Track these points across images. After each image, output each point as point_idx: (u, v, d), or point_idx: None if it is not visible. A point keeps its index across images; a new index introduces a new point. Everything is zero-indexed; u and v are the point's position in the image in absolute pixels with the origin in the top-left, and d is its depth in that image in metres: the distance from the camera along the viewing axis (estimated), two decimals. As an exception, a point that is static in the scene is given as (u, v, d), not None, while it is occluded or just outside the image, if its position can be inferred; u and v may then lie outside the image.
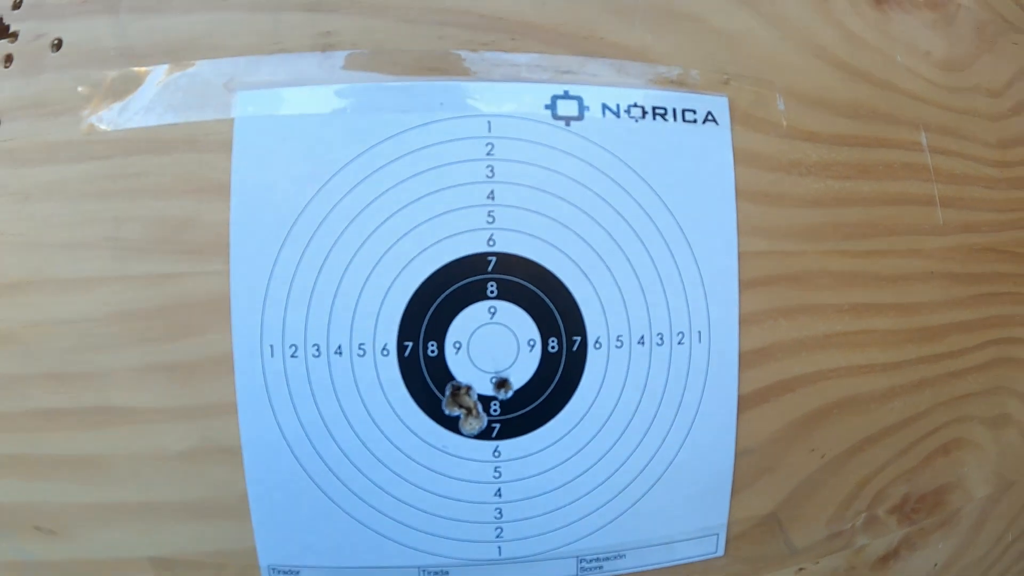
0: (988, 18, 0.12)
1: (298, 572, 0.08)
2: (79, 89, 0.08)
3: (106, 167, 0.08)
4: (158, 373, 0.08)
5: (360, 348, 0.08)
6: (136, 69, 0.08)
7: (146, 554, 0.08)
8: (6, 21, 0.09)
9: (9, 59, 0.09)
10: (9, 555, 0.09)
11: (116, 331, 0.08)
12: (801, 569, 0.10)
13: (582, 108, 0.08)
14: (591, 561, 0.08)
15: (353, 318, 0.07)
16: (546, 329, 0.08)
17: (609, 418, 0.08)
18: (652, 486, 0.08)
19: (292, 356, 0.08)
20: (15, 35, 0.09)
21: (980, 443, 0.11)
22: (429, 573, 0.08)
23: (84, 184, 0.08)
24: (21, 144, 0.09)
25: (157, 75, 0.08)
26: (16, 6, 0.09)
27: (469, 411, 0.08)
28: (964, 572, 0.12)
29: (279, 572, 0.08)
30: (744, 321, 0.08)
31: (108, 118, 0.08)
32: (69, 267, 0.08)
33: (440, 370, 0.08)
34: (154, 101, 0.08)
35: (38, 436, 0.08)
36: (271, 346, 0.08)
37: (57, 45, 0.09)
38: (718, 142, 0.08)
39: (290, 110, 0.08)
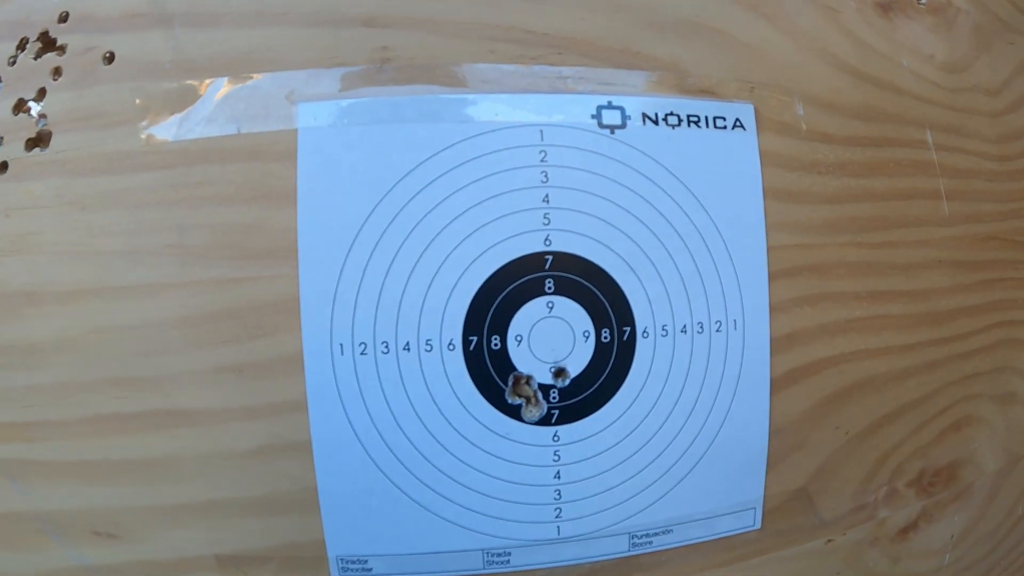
0: (985, 20, 0.14)
1: (366, 561, 0.09)
2: (136, 101, 0.10)
3: (167, 177, 0.09)
4: (227, 374, 0.09)
5: (427, 344, 0.09)
6: (195, 82, 0.09)
7: (212, 551, 0.10)
8: (53, 34, 0.10)
9: (58, 72, 0.10)
10: (68, 561, 0.10)
11: (183, 335, 0.09)
12: (830, 540, 0.11)
13: (624, 117, 0.09)
14: (641, 537, 0.10)
15: (420, 316, 0.09)
16: (599, 321, 0.09)
17: (657, 402, 0.10)
18: (696, 464, 0.10)
19: (362, 354, 0.09)
20: (63, 48, 0.10)
21: (989, 420, 0.13)
22: (492, 555, 0.09)
23: (145, 193, 0.09)
24: (76, 155, 0.10)
25: (217, 87, 0.09)
26: (63, 19, 0.10)
27: (530, 399, 0.09)
28: (978, 543, 0.13)
29: (348, 562, 0.09)
30: (773, 309, 0.10)
31: (168, 129, 0.09)
32: (131, 274, 0.09)
33: (503, 362, 0.09)
34: (215, 113, 0.09)
35: (99, 442, 0.10)
36: (341, 344, 0.09)
37: (109, 58, 0.10)
38: (746, 146, 0.10)
39: (351, 121, 0.09)
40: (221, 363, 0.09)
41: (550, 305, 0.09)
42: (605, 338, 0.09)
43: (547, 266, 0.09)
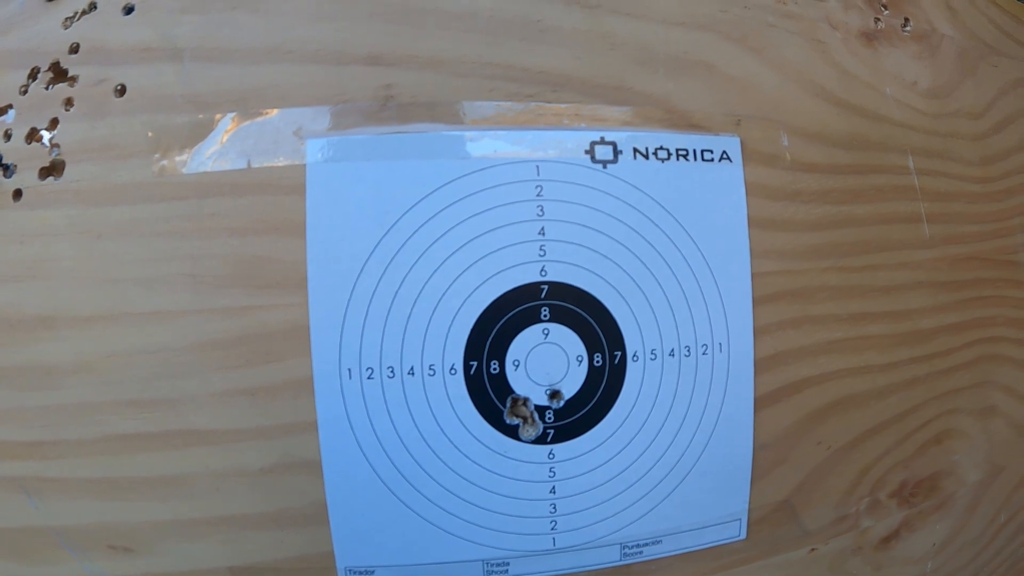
0: (970, 45, 0.15)
1: (373, 571, 0.10)
2: (148, 134, 0.10)
3: (181, 208, 0.10)
4: (240, 397, 0.10)
5: (431, 369, 0.10)
6: (205, 116, 0.10)
7: (225, 564, 0.11)
8: (64, 65, 0.11)
9: (70, 102, 0.11)
10: (83, 573, 0.11)
11: (196, 359, 0.10)
12: (813, 549, 0.12)
13: (616, 152, 0.10)
14: (632, 547, 0.11)
15: (424, 342, 0.10)
16: (591, 346, 0.10)
17: (646, 421, 0.11)
18: (683, 479, 0.11)
19: (368, 378, 0.10)
20: (74, 79, 0.11)
21: (969, 433, 0.14)
22: (492, 565, 0.10)
23: (159, 224, 0.10)
24: (90, 185, 0.11)
25: (226, 122, 0.10)
26: (74, 51, 0.11)
27: (526, 420, 0.10)
28: (961, 551, 0.15)
29: (355, 573, 0.10)
30: (758, 332, 0.11)
31: (180, 162, 0.10)
32: (146, 301, 0.10)
33: (501, 385, 0.10)
34: (226, 148, 0.10)
35: (115, 460, 0.10)
36: (349, 369, 0.10)
37: (121, 91, 0.11)
38: (732, 177, 0.11)
39: (357, 156, 0.10)
40: (234, 386, 0.10)
41: (546, 332, 0.10)
42: (597, 362, 0.10)
43: (543, 295, 0.10)
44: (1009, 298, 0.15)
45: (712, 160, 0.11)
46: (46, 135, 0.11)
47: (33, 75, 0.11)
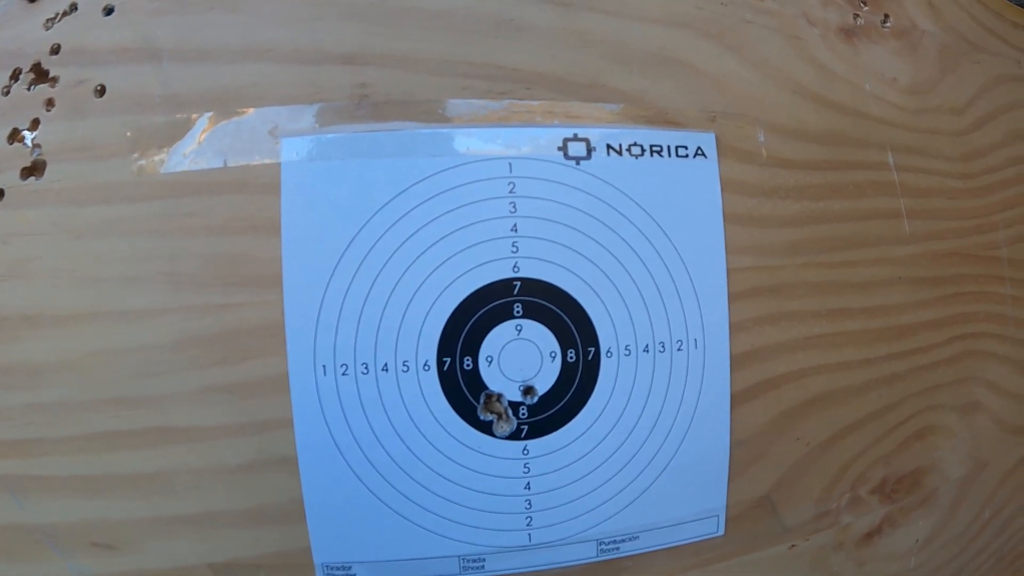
0: (951, 41, 0.15)
1: (350, 567, 0.10)
2: (127, 134, 0.10)
3: (159, 207, 0.10)
4: (218, 394, 0.10)
5: (404, 365, 0.10)
6: (183, 116, 0.10)
7: (205, 560, 0.11)
8: (45, 66, 0.11)
9: (51, 103, 0.11)
10: (67, 572, 0.11)
11: (176, 357, 0.10)
12: (793, 546, 0.12)
13: (589, 149, 0.10)
14: (609, 543, 0.11)
15: (397, 339, 0.10)
16: (565, 342, 0.10)
17: (620, 417, 0.11)
18: (659, 475, 0.11)
19: (343, 374, 0.10)
20: (55, 80, 0.11)
21: (952, 429, 0.14)
22: (468, 561, 0.10)
23: (138, 223, 0.10)
24: (70, 185, 0.11)
25: (203, 122, 0.10)
26: (55, 51, 0.11)
27: (500, 416, 0.10)
28: (944, 547, 0.15)
29: (332, 569, 0.10)
30: (734, 328, 0.11)
31: (158, 161, 0.10)
32: (126, 300, 0.10)
33: (475, 381, 0.10)
34: (203, 147, 0.10)
35: (97, 458, 0.10)
36: (323, 366, 0.10)
37: (101, 91, 0.11)
38: (707, 174, 0.11)
39: (331, 155, 0.10)
40: (212, 383, 0.10)
41: (519, 328, 0.10)
42: (571, 358, 0.10)
43: (515, 291, 0.10)
44: (992, 294, 0.14)
45: (687, 156, 0.11)
46: (28, 135, 0.11)
47: (15, 76, 0.11)
